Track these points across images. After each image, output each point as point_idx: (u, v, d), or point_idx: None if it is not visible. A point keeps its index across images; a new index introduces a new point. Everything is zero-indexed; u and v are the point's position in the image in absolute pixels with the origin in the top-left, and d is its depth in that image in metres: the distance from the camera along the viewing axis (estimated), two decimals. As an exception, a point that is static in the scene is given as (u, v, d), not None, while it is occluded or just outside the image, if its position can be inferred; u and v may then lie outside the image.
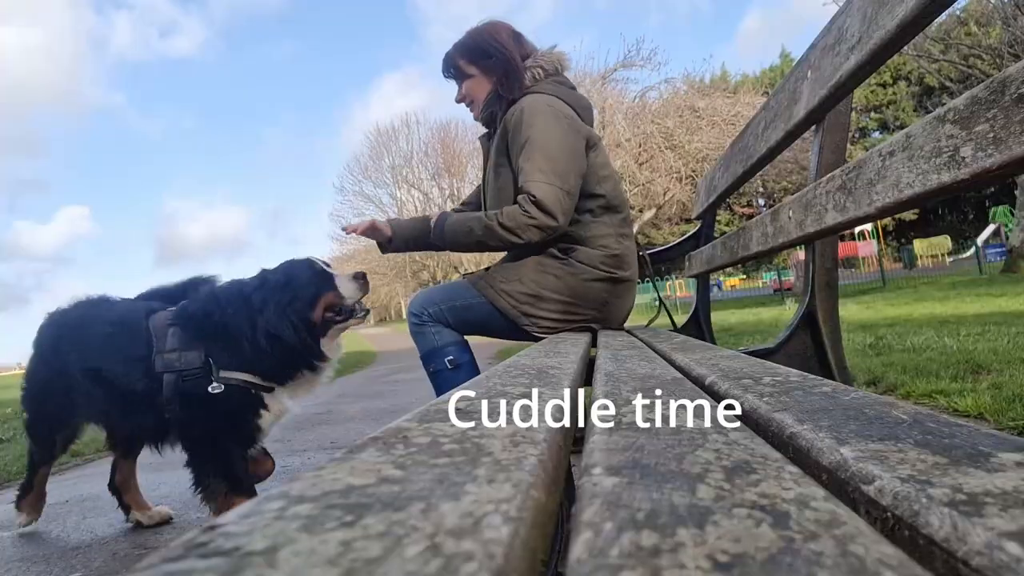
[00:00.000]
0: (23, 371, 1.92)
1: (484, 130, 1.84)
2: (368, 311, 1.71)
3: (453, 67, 1.75)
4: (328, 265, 1.68)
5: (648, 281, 2.22)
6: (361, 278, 1.67)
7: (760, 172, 2.10)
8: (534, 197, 1.51)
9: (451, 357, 1.59)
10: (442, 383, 1.59)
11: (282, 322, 1.52)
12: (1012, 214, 14.48)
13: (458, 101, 1.80)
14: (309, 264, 1.63)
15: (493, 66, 1.69)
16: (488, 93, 1.71)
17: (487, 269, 1.72)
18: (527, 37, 1.77)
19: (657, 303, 2.20)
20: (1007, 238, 14.44)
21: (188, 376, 1.55)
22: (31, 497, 1.95)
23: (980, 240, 17.71)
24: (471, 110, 1.81)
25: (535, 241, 1.55)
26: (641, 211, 16.21)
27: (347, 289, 1.62)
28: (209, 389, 1.51)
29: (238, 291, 1.59)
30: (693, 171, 15.37)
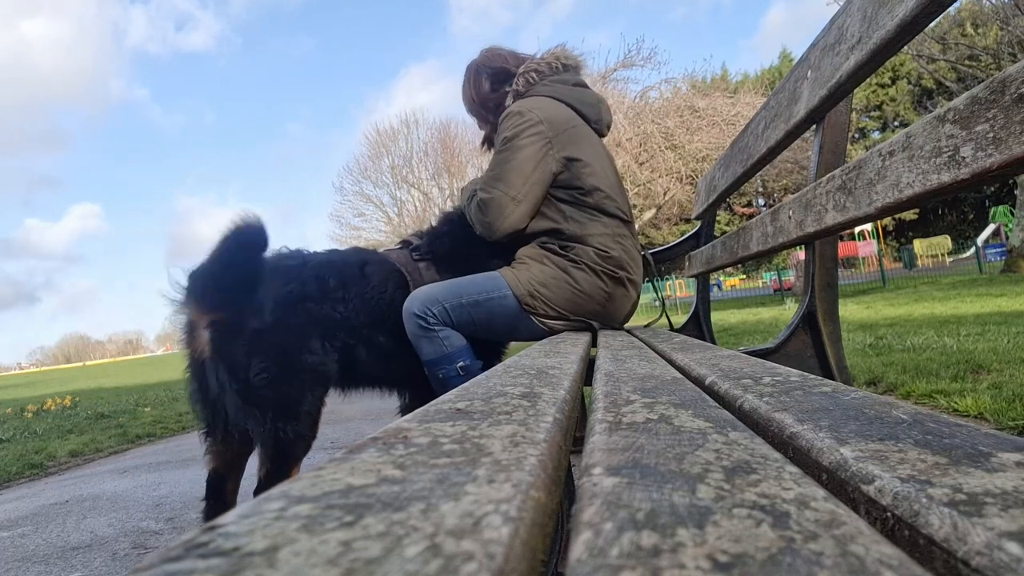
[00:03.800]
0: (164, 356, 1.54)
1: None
2: None
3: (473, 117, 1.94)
4: None
5: (650, 281, 2.22)
6: None
7: (760, 172, 2.10)
8: (480, 200, 1.62)
9: (463, 363, 1.54)
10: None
11: None
12: (1012, 214, 14.48)
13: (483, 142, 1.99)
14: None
15: (478, 114, 1.88)
16: (489, 130, 1.88)
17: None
18: (507, 54, 1.86)
19: (657, 303, 2.20)
20: (1007, 238, 14.43)
21: None
22: None
23: (980, 240, 17.72)
24: None
25: (484, 236, 1.65)
26: (641, 211, 16.20)
27: None
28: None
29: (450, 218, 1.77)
30: (693, 171, 15.36)
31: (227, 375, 1.40)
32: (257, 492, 1.40)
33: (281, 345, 1.43)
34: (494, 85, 1.80)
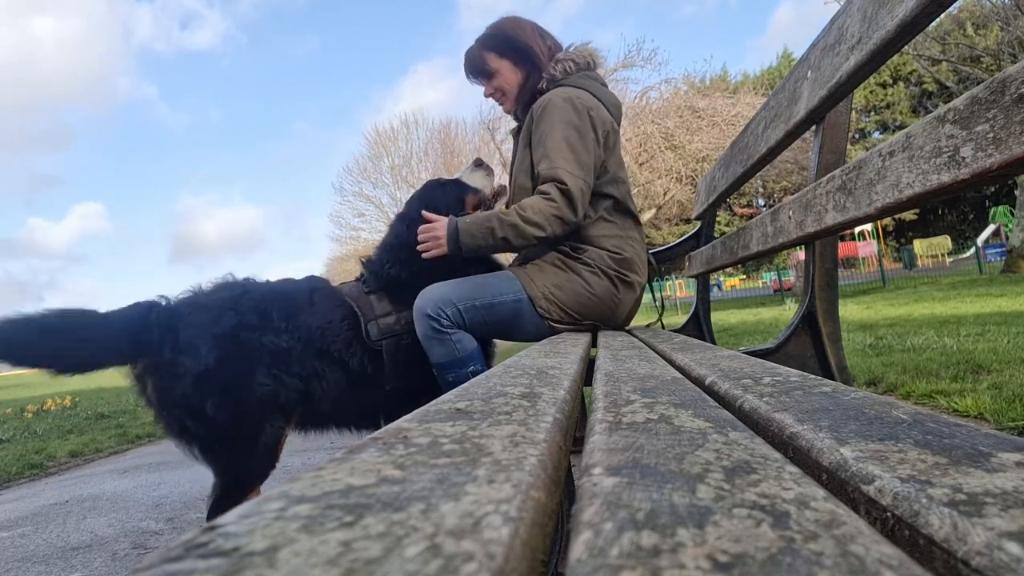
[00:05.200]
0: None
1: (514, 124, 1.83)
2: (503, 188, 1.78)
3: (479, 62, 1.72)
4: (446, 183, 1.77)
5: (650, 283, 2.22)
6: (480, 165, 1.79)
7: (760, 172, 2.10)
8: (564, 185, 1.48)
9: (474, 368, 1.48)
10: None
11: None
12: (1012, 214, 14.47)
13: (487, 96, 1.79)
14: (438, 184, 1.75)
15: (521, 58, 1.68)
16: (519, 86, 1.71)
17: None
18: (552, 33, 1.77)
19: (656, 304, 2.20)
20: (1007, 238, 14.42)
21: (407, 338, 1.54)
22: None
23: (980, 240, 17.72)
24: (501, 104, 1.79)
25: (557, 235, 1.52)
26: (641, 211, 16.19)
27: (478, 182, 1.75)
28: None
29: (395, 243, 1.64)
30: (693, 171, 15.36)
31: (171, 419, 1.42)
32: (210, 514, 1.42)
33: (224, 382, 1.41)
34: (550, 54, 1.70)
